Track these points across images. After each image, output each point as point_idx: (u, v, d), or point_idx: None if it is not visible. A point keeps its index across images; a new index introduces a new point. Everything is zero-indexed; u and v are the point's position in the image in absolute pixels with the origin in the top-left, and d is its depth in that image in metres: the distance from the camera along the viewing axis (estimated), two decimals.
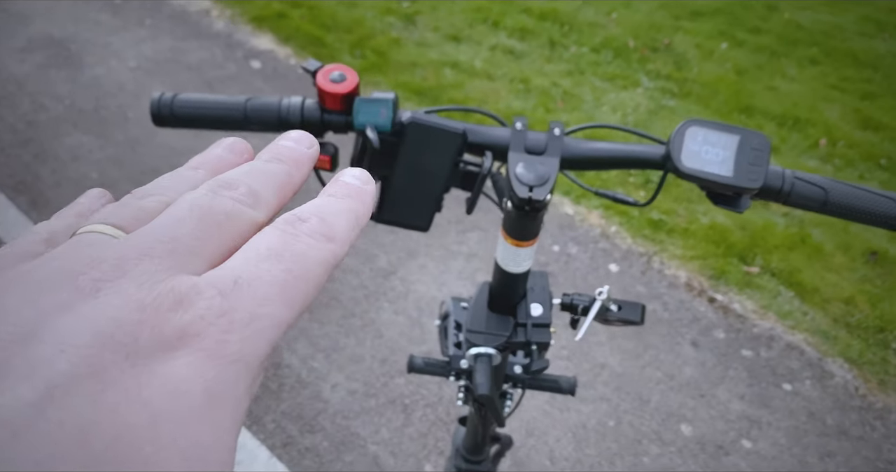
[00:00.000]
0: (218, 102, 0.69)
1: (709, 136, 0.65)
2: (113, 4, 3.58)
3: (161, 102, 0.69)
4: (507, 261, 0.76)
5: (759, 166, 0.65)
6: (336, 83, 0.65)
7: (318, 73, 0.66)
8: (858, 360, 2.15)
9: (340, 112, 0.67)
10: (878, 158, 3.15)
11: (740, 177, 0.64)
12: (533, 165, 0.66)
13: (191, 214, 0.19)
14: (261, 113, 0.68)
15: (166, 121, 0.70)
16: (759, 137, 0.66)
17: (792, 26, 4.36)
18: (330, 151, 0.68)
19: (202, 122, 0.69)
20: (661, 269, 2.37)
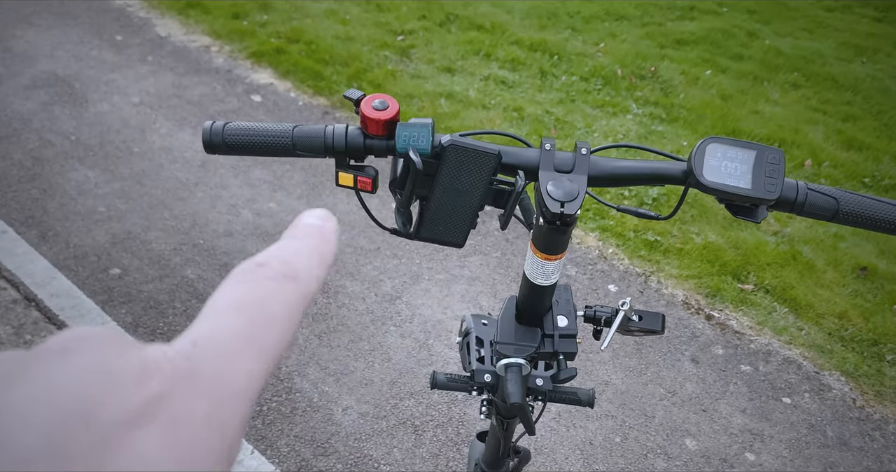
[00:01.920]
0: (267, 129, 0.74)
1: (728, 151, 0.71)
2: (115, 42, 3.67)
3: (213, 130, 0.74)
4: (535, 274, 0.81)
5: (776, 179, 0.70)
6: (379, 111, 0.70)
7: (362, 102, 0.71)
8: (854, 372, 2.20)
9: (382, 137, 0.72)
10: (861, 176, 3.25)
11: (758, 189, 0.70)
12: (562, 183, 0.71)
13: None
14: (307, 140, 0.73)
15: (217, 148, 0.75)
16: (774, 152, 0.72)
17: (773, 52, 4.51)
18: (371, 174, 0.74)
19: (251, 149, 0.74)
20: (659, 288, 2.43)
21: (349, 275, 2.33)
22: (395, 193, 0.73)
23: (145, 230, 2.42)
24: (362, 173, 0.74)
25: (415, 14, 4.37)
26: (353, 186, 0.75)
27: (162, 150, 2.86)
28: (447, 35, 4.16)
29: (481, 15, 4.47)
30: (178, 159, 2.80)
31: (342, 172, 0.74)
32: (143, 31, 3.84)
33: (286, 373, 1.96)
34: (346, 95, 0.73)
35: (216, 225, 2.49)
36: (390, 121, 0.71)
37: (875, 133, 3.68)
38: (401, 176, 0.71)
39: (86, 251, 2.30)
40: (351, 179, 0.74)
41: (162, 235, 2.41)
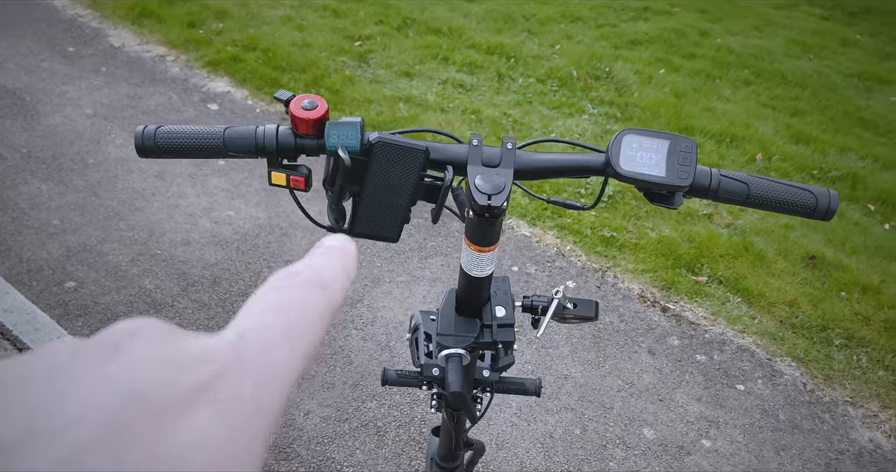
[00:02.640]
0: (198, 131, 0.75)
1: (643, 142, 0.75)
2: (66, 53, 3.62)
3: (145, 134, 0.76)
4: (471, 266, 0.83)
5: (688, 166, 0.74)
6: (308, 110, 0.72)
7: (291, 102, 0.73)
8: (805, 358, 2.27)
9: (313, 136, 0.74)
10: (810, 169, 3.35)
11: (672, 176, 0.73)
12: (490, 177, 0.73)
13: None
14: (239, 140, 0.75)
15: (150, 152, 0.76)
16: (686, 141, 0.75)
17: (724, 51, 4.63)
18: (304, 173, 0.75)
19: (184, 151, 0.75)
20: (616, 283, 2.48)
21: None
22: (327, 191, 0.75)
23: (101, 242, 2.39)
24: (295, 172, 0.75)
25: (372, 19, 4.39)
26: (287, 185, 0.76)
27: (117, 161, 2.83)
28: (405, 40, 4.19)
29: (438, 19, 4.51)
30: (134, 170, 2.78)
31: (275, 171, 0.76)
32: (95, 41, 3.79)
33: None
34: (276, 95, 0.75)
35: (174, 234, 2.47)
36: (319, 120, 0.73)
37: (822, 127, 3.80)
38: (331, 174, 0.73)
39: (40, 265, 2.27)
40: (284, 178, 0.75)
41: (118, 246, 2.39)
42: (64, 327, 2.05)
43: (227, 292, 2.26)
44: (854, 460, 1.97)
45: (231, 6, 4.33)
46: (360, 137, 0.72)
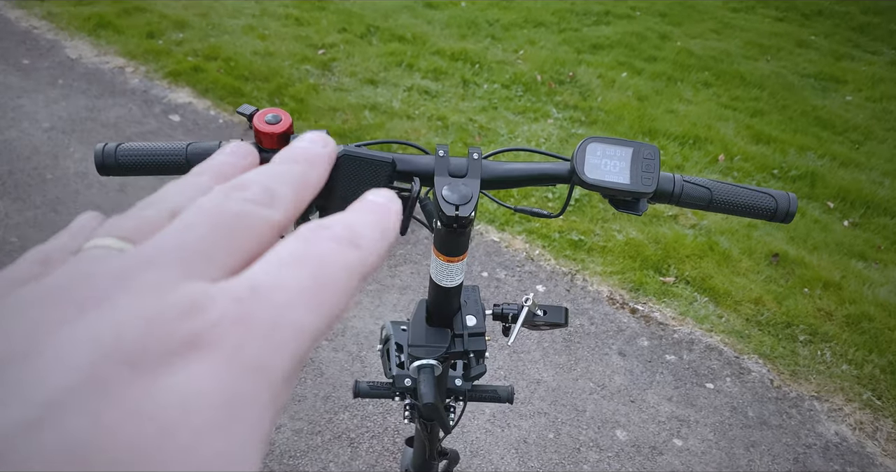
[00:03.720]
0: (160, 148, 0.74)
1: (606, 150, 0.75)
2: (21, 66, 3.54)
3: (105, 151, 0.74)
4: (440, 276, 0.83)
5: (652, 173, 0.75)
6: (271, 124, 0.71)
7: (255, 117, 0.72)
8: (771, 354, 2.32)
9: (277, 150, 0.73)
10: (771, 168, 3.42)
11: (636, 183, 0.74)
12: (457, 187, 0.73)
13: (201, 220, 0.18)
14: (201, 156, 0.73)
15: (111, 170, 0.74)
16: (649, 148, 0.76)
17: (684, 54, 4.71)
18: None
19: (146, 168, 0.74)
20: (585, 286, 2.50)
21: None
22: None
23: None
24: None
25: (335, 27, 4.38)
26: None
27: (77, 175, 2.77)
28: (368, 47, 4.18)
29: (402, 26, 4.51)
30: (94, 184, 2.72)
31: None
32: (51, 53, 3.71)
33: None
34: (238, 110, 0.74)
35: None
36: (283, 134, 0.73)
37: (781, 127, 3.89)
38: None
39: None
40: None
41: None
42: None
43: None
44: (821, 453, 2.00)
45: (191, 16, 4.28)
46: None
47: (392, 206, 0.22)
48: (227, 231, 0.18)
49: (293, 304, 0.17)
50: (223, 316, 0.16)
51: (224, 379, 0.15)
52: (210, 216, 0.18)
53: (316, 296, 0.17)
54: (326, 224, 0.19)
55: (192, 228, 0.18)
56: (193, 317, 0.16)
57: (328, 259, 0.18)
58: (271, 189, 0.20)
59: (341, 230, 0.19)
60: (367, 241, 0.20)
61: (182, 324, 0.15)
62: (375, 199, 0.22)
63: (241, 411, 0.15)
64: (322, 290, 0.17)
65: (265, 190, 0.20)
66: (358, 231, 0.20)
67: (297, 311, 0.17)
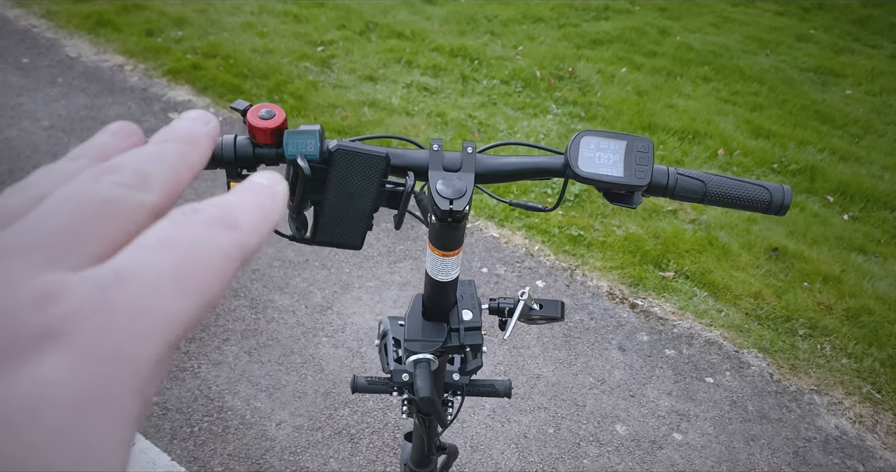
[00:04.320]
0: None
1: (600, 143, 0.76)
2: (21, 65, 3.54)
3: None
4: (436, 271, 0.84)
5: (646, 166, 0.75)
6: (265, 119, 0.71)
7: (248, 112, 0.72)
8: (770, 349, 2.32)
9: (271, 146, 0.73)
10: (770, 163, 3.42)
11: (630, 176, 0.74)
12: (451, 181, 0.73)
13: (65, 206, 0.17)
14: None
15: None
16: (643, 141, 0.76)
17: (684, 48, 4.70)
18: None
19: None
20: (584, 281, 2.50)
21: (278, 289, 2.31)
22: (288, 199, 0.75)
23: None
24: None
25: (334, 24, 4.37)
26: None
27: None
28: (367, 44, 4.18)
29: (401, 23, 4.50)
30: None
31: (234, 182, 0.75)
32: (51, 52, 3.71)
33: (216, 392, 1.93)
34: (232, 105, 0.74)
35: None
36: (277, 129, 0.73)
37: (780, 121, 3.88)
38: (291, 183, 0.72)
39: None
40: None
41: None
42: None
43: None
44: (821, 447, 2.01)
45: (190, 14, 4.28)
46: (319, 145, 0.71)
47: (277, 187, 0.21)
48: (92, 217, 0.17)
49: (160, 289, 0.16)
50: (82, 305, 0.15)
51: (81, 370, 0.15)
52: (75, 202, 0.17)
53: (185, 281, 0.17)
54: (199, 207, 0.19)
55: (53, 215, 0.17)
56: (46, 307, 0.15)
57: (199, 242, 0.17)
58: (144, 171, 0.19)
59: (216, 212, 0.18)
60: (245, 222, 0.19)
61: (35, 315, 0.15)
62: (259, 180, 0.21)
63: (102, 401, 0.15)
64: (192, 274, 0.17)
65: (137, 173, 0.19)
66: (234, 213, 0.19)
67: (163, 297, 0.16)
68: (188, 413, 1.86)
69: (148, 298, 0.16)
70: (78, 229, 0.17)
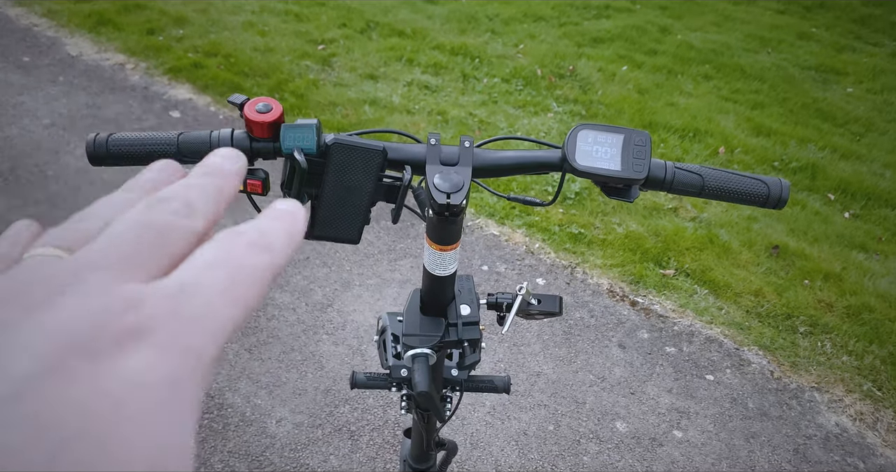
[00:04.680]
0: (151, 138, 0.74)
1: (598, 136, 0.75)
2: (21, 63, 3.54)
3: (97, 141, 0.74)
4: (433, 265, 0.83)
5: (643, 159, 0.75)
6: (262, 113, 0.71)
7: (245, 106, 0.72)
8: (771, 346, 2.32)
9: (268, 139, 0.73)
10: (771, 161, 3.41)
11: (627, 170, 0.74)
12: (448, 175, 0.73)
13: (130, 230, 0.21)
14: (193, 145, 0.74)
15: (102, 159, 0.75)
16: (641, 135, 0.76)
17: (685, 47, 4.70)
18: (261, 176, 0.74)
19: (137, 158, 0.74)
20: (585, 278, 2.50)
21: (278, 286, 2.32)
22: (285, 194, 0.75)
23: None
24: (252, 176, 0.75)
25: (335, 22, 4.38)
26: (244, 190, 0.76)
27: (78, 171, 2.78)
28: (368, 42, 4.18)
29: (402, 21, 4.50)
30: (95, 180, 2.73)
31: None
32: (52, 50, 3.72)
33: (216, 389, 1.94)
34: (229, 100, 0.74)
35: None
36: (274, 123, 0.73)
37: (781, 119, 3.88)
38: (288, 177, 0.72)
39: None
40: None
41: None
42: None
43: None
44: (821, 444, 2.01)
45: (191, 13, 4.28)
46: (316, 138, 0.71)
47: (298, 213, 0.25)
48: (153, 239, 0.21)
49: (215, 299, 0.20)
50: (157, 310, 0.19)
51: (165, 360, 0.18)
52: (139, 227, 0.21)
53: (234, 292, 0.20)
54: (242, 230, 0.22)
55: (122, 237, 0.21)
56: (133, 311, 0.18)
57: (244, 262, 0.21)
58: (191, 202, 0.23)
59: (255, 236, 0.22)
60: (277, 245, 0.23)
61: (123, 317, 0.18)
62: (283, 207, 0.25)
63: (181, 387, 0.18)
64: (239, 287, 0.20)
65: (186, 203, 0.23)
66: (269, 237, 0.23)
67: (218, 305, 0.20)
68: None
69: (207, 306, 0.19)
70: (143, 249, 0.20)
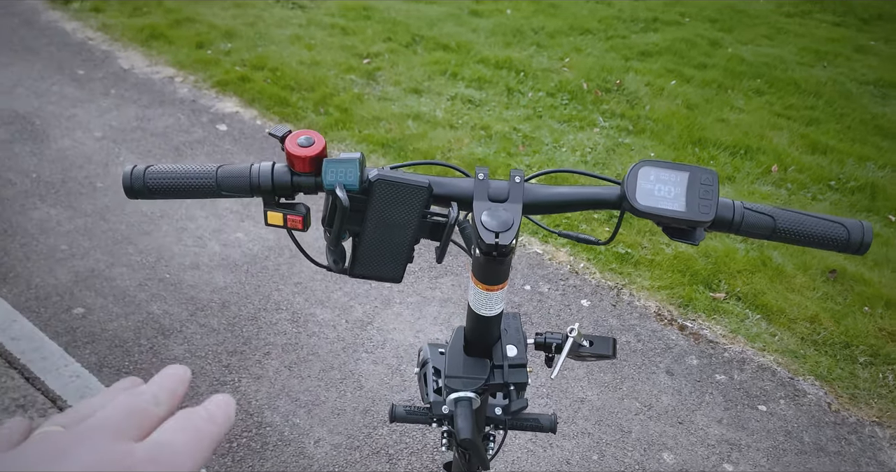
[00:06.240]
0: (189, 171, 0.71)
1: (660, 174, 0.70)
2: (76, 76, 3.64)
3: (133, 175, 0.71)
4: (479, 305, 0.79)
5: (710, 200, 0.69)
6: (304, 147, 0.68)
7: (287, 139, 0.69)
8: (828, 376, 2.21)
9: (309, 174, 0.70)
10: (827, 180, 3.28)
11: (693, 211, 0.69)
12: (497, 213, 0.69)
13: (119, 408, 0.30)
14: (232, 180, 0.71)
15: (139, 193, 0.72)
16: (707, 173, 0.71)
17: (735, 60, 4.58)
18: (302, 212, 0.71)
19: (175, 192, 0.72)
20: (631, 301, 2.43)
21: (319, 303, 2.30)
22: (326, 230, 0.72)
23: (109, 267, 2.38)
24: (292, 211, 0.72)
25: (380, 36, 4.39)
26: (284, 225, 0.73)
27: None
28: (413, 56, 4.18)
29: (447, 35, 4.50)
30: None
31: (271, 211, 0.72)
32: (105, 64, 3.81)
33: (256, 407, 1.93)
34: (270, 131, 0.71)
35: (182, 258, 2.45)
36: (316, 157, 0.70)
37: (838, 136, 3.74)
38: (329, 213, 0.69)
39: (48, 291, 2.25)
40: (280, 217, 0.72)
41: (126, 271, 2.37)
42: (72, 354, 2.02)
43: (236, 316, 2.23)
44: None
45: (239, 26, 4.35)
46: (359, 174, 0.68)
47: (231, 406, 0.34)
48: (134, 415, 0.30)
49: (182, 452, 0.29)
50: (143, 458, 0.27)
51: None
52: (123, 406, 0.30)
53: (193, 448, 0.29)
54: (195, 410, 0.32)
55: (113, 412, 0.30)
56: (128, 459, 0.27)
57: (199, 429, 0.30)
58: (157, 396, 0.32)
59: (203, 413, 0.32)
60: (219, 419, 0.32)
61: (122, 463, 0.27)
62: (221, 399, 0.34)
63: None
64: (196, 445, 0.30)
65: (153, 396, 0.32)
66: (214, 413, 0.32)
67: (184, 457, 0.29)
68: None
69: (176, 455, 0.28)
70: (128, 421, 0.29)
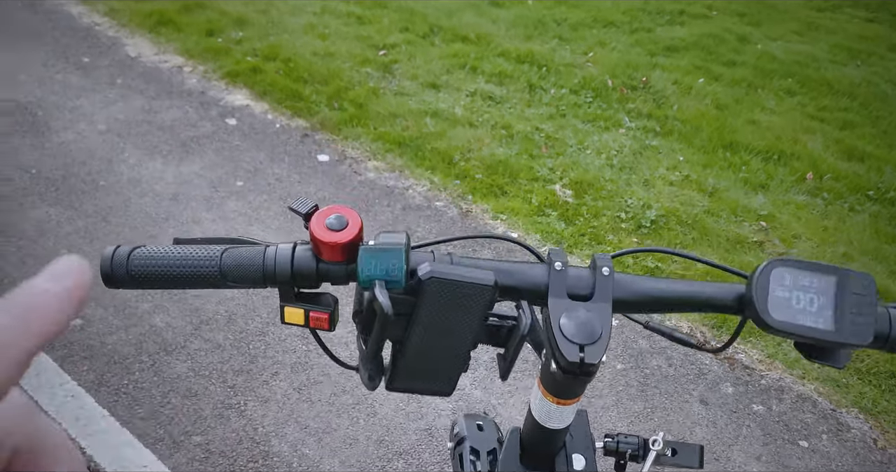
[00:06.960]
0: (187, 257, 0.55)
1: (799, 278, 0.55)
2: (81, 64, 3.49)
3: (115, 258, 0.54)
4: (545, 417, 0.65)
5: (867, 315, 0.54)
6: (335, 231, 0.53)
7: (313, 218, 0.54)
8: (873, 409, 2.06)
9: (340, 263, 0.54)
10: (865, 189, 3.12)
11: (844, 331, 0.53)
12: (580, 317, 0.54)
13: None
14: (241, 268, 0.54)
15: (120, 282, 0.54)
16: (861, 278, 0.55)
17: (766, 58, 4.39)
18: (328, 307, 0.55)
19: (167, 282, 0.55)
20: (662, 320, 2.28)
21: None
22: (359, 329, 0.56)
23: None
24: (316, 307, 0.56)
25: (397, 26, 4.22)
26: (306, 325, 0.56)
27: (130, 182, 2.69)
28: (431, 48, 4.01)
29: (466, 26, 4.32)
30: (147, 192, 2.63)
31: (289, 306, 0.56)
32: (111, 51, 3.66)
33: (262, 434, 1.80)
34: (291, 206, 0.55)
35: None
36: (350, 243, 0.53)
37: (875, 141, 3.56)
38: (366, 314, 0.53)
39: None
40: (301, 315, 0.55)
41: None
42: (67, 371, 1.90)
43: (243, 330, 2.10)
44: None
45: (251, 13, 4.18)
46: (404, 267, 0.51)
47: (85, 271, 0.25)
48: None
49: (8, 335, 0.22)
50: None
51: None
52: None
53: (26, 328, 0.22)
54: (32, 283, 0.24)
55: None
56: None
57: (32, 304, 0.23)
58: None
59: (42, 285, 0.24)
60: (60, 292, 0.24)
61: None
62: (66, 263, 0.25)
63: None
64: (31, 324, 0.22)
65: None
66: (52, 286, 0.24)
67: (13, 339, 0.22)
68: (232, 458, 1.73)
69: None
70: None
